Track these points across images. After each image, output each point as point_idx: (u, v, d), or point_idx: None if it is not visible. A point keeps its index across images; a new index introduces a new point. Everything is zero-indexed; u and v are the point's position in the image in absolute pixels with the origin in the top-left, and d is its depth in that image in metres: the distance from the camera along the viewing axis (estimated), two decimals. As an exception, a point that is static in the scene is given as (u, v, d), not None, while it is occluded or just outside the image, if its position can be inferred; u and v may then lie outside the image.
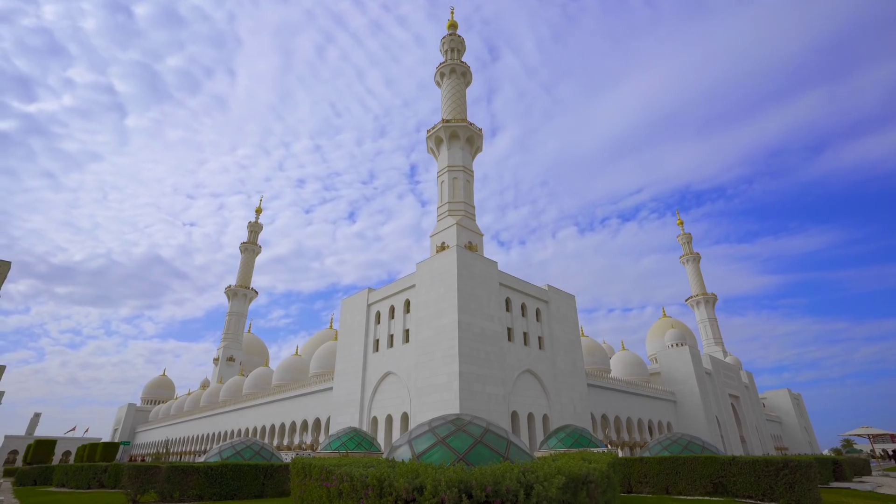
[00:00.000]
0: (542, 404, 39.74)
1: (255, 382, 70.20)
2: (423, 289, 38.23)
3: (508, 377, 36.89)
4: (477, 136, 54.52)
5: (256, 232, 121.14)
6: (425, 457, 9.88)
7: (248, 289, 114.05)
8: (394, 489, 6.14)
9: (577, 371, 45.20)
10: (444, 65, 59.65)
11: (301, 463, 10.14)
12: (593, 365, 60.62)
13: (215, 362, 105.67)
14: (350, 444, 27.17)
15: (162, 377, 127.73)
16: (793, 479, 15.28)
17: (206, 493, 17.18)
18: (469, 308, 35.26)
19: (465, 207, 49.85)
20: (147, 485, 17.56)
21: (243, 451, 21.73)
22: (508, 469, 6.43)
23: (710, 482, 17.20)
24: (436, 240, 48.34)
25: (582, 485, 6.81)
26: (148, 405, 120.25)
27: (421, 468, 6.64)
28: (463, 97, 58.16)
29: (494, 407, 33.87)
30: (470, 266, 37.04)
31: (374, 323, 44.08)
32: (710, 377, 70.64)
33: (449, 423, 11.04)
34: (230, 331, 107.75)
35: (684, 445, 21.07)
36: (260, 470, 18.54)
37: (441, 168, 52.49)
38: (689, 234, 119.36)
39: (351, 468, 7.40)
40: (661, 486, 18.41)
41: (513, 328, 39.96)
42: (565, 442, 26.46)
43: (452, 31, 62.61)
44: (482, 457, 9.67)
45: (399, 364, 38.82)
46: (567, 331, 46.07)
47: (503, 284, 40.39)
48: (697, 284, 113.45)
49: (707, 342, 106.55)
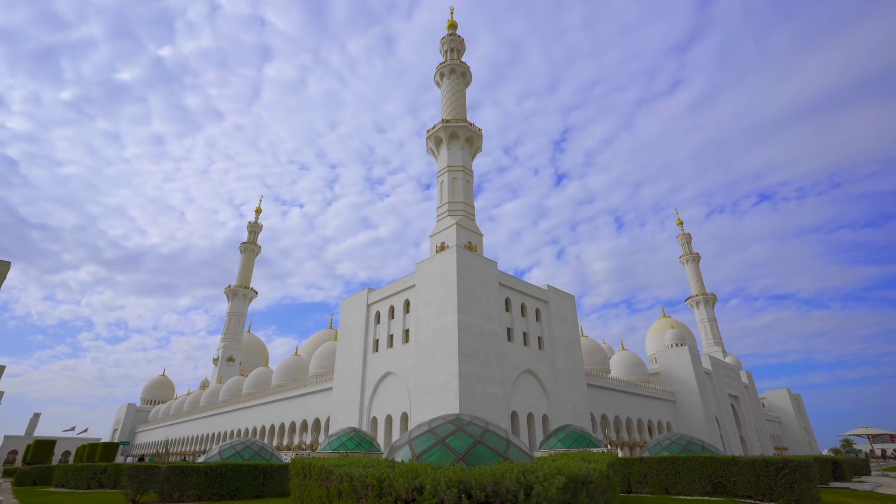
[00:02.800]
0: (542, 404, 39.74)
1: (255, 382, 70.16)
2: (423, 289, 38.23)
3: (508, 377, 36.89)
4: (477, 136, 54.55)
5: (256, 232, 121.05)
6: (425, 457, 9.88)
7: (248, 289, 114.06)
8: (393, 489, 6.14)
9: (576, 371, 45.21)
10: (443, 65, 59.69)
11: (301, 463, 10.13)
12: (593, 365, 60.62)
13: (215, 362, 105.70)
14: (350, 444, 27.16)
15: (162, 377, 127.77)
16: (792, 479, 15.28)
17: (206, 493, 17.18)
18: (469, 308, 35.26)
19: (465, 207, 49.86)
20: (147, 485, 17.54)
21: (243, 452, 21.72)
22: (508, 469, 6.43)
23: (710, 482, 17.20)
24: (435, 240, 48.35)
25: (582, 485, 6.81)
26: (148, 405, 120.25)
27: (420, 468, 6.64)
28: (463, 97, 58.16)
29: (494, 407, 33.87)
30: (470, 266, 37.04)
31: (373, 323, 44.08)
32: (710, 377, 70.64)
33: (448, 424, 11.05)
34: (230, 331, 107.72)
35: (684, 445, 21.07)
36: (260, 470, 18.53)
37: (441, 168, 52.53)
38: (688, 234, 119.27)
39: (351, 468, 7.40)
40: (660, 486, 18.42)
41: (512, 328, 39.97)
42: (565, 442, 26.46)
43: (452, 31, 62.67)
44: (482, 457, 9.67)
45: (399, 364, 38.82)
46: (567, 331, 46.08)
47: (503, 284, 40.40)
48: (697, 284, 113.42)
49: (707, 342, 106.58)
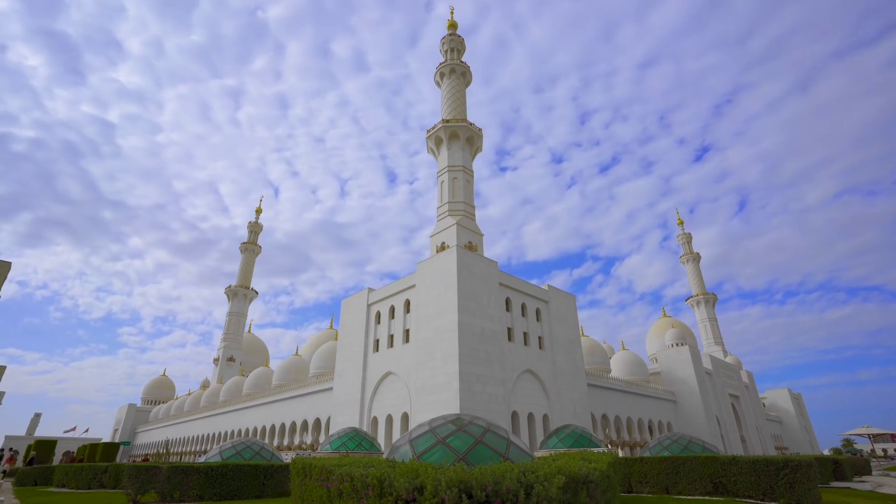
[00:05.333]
0: (542, 404, 39.74)
1: (256, 382, 70.16)
2: (423, 289, 38.23)
3: (508, 377, 36.88)
4: (477, 136, 54.55)
5: (256, 232, 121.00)
6: (425, 457, 9.88)
7: (248, 289, 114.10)
8: (394, 489, 6.13)
9: (577, 371, 45.20)
10: (443, 65, 59.68)
11: (301, 463, 10.12)
12: (593, 365, 60.59)
13: (215, 362, 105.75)
14: (350, 444, 27.15)
15: (162, 377, 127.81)
16: (793, 479, 15.26)
17: (207, 493, 17.17)
18: (469, 308, 35.26)
19: (465, 207, 49.86)
20: (147, 485, 17.54)
21: (243, 452, 21.71)
22: (508, 469, 6.43)
23: (711, 482, 17.19)
24: (436, 240, 48.34)
25: (582, 485, 6.81)
26: (148, 405, 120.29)
27: (421, 468, 6.64)
28: (463, 97, 58.16)
29: (494, 407, 33.87)
30: (470, 266, 37.04)
31: (374, 323, 44.08)
32: (710, 377, 70.63)
33: (449, 423, 11.04)
34: (230, 331, 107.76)
35: (684, 445, 21.08)
36: (260, 470, 18.52)
37: (441, 168, 52.54)
38: (688, 234, 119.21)
39: (351, 468, 7.40)
40: (661, 486, 18.41)
41: (513, 328, 39.96)
42: (565, 442, 26.44)
43: (452, 31, 62.66)
44: (482, 457, 9.66)
45: (399, 364, 38.82)
46: (567, 331, 46.07)
47: (503, 284, 40.40)
48: (697, 284, 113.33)
49: (707, 342, 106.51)
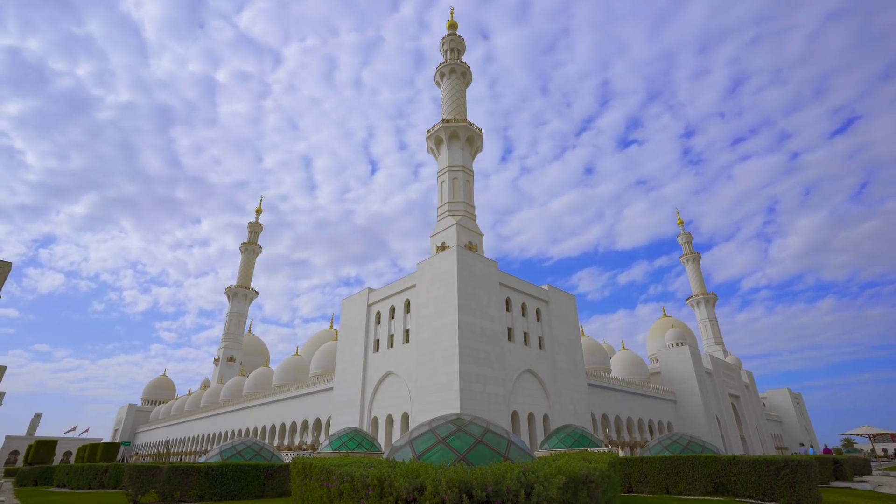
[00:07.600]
0: (543, 404, 39.73)
1: (256, 383, 70.18)
2: (424, 289, 38.23)
3: (508, 377, 36.88)
4: (477, 136, 54.55)
5: (257, 232, 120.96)
6: (426, 457, 9.89)
7: (249, 289, 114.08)
8: (394, 489, 6.14)
9: (577, 371, 45.20)
10: (444, 65, 59.67)
11: (301, 463, 10.13)
12: (593, 365, 60.56)
13: (215, 363, 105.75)
14: (350, 444, 27.14)
15: (162, 377, 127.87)
16: (793, 479, 15.26)
17: (207, 493, 17.18)
18: (469, 308, 35.26)
19: (466, 207, 49.85)
20: (147, 485, 17.55)
21: (244, 452, 21.72)
22: (509, 469, 6.43)
23: (711, 482, 17.19)
24: (436, 240, 48.34)
25: (582, 484, 6.82)
26: (148, 405, 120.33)
27: (421, 468, 6.65)
28: (463, 97, 58.14)
29: (494, 407, 33.87)
30: (470, 266, 37.04)
31: (374, 323, 44.07)
32: (711, 377, 70.61)
33: (449, 423, 11.04)
34: (230, 331, 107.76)
35: (684, 445, 21.07)
36: (260, 470, 18.53)
37: (441, 168, 52.52)
38: (688, 234, 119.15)
39: (351, 468, 7.40)
40: (661, 486, 18.41)
41: (513, 328, 39.96)
42: (565, 442, 26.45)
43: (452, 31, 62.64)
44: (482, 457, 9.66)
45: (399, 364, 38.82)
46: (567, 331, 46.06)
47: (503, 284, 40.39)
48: (698, 284, 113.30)
49: (707, 342, 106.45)
